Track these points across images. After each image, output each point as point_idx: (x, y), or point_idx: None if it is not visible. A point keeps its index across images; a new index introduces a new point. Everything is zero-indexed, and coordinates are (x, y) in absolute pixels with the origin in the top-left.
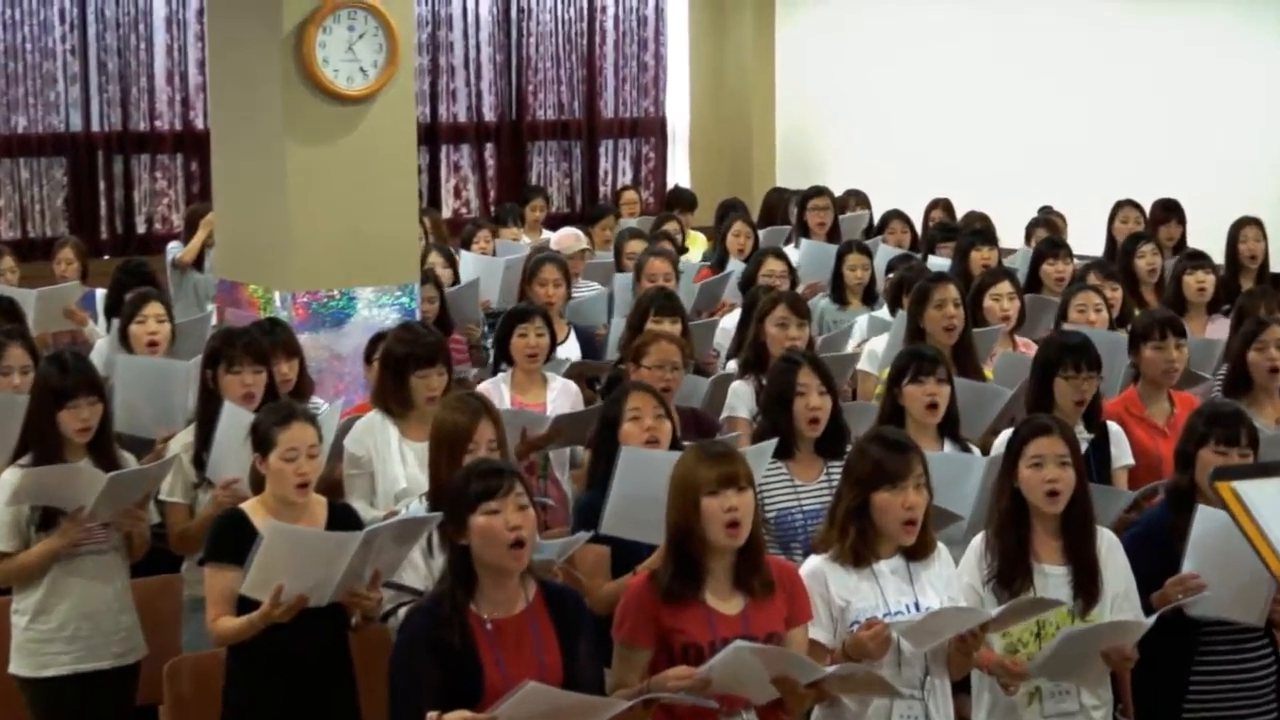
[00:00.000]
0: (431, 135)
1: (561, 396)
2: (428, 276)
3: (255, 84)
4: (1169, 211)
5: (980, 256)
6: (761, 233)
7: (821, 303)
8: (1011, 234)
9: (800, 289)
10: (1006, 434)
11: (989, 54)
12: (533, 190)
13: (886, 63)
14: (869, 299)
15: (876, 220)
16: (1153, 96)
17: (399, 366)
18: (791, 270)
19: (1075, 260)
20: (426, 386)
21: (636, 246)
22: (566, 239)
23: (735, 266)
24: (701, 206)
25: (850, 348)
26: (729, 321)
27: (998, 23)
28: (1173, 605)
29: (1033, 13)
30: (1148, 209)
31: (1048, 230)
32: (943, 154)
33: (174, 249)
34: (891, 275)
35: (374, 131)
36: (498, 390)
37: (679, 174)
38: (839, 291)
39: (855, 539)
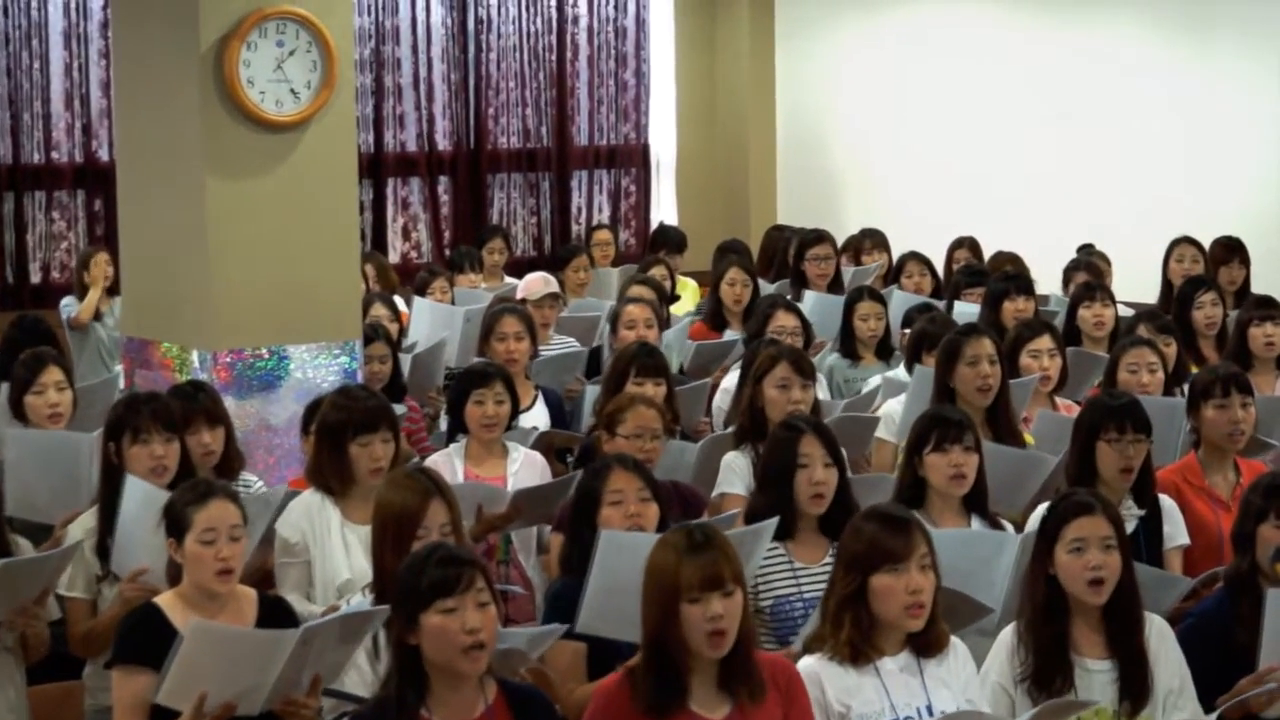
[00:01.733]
0: (376, 167)
1: (524, 469)
2: (373, 332)
3: (168, 109)
4: (1231, 251)
5: (1014, 307)
6: (763, 282)
7: (830, 359)
8: (1047, 277)
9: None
10: (1042, 509)
11: (1019, 73)
12: (491, 230)
13: (903, 81)
14: (884, 353)
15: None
16: (1214, 119)
17: (336, 435)
18: (805, 325)
19: (1120, 306)
20: (369, 457)
21: (638, 293)
22: (533, 284)
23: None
24: (692, 248)
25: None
26: (729, 382)
27: (1028, 38)
28: (1240, 701)
29: (1071, 27)
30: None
31: (1088, 273)
32: (968, 187)
33: (68, 305)
34: (909, 328)
35: (308, 164)
36: (450, 463)
37: (664, 210)
38: (849, 345)
39: (852, 632)
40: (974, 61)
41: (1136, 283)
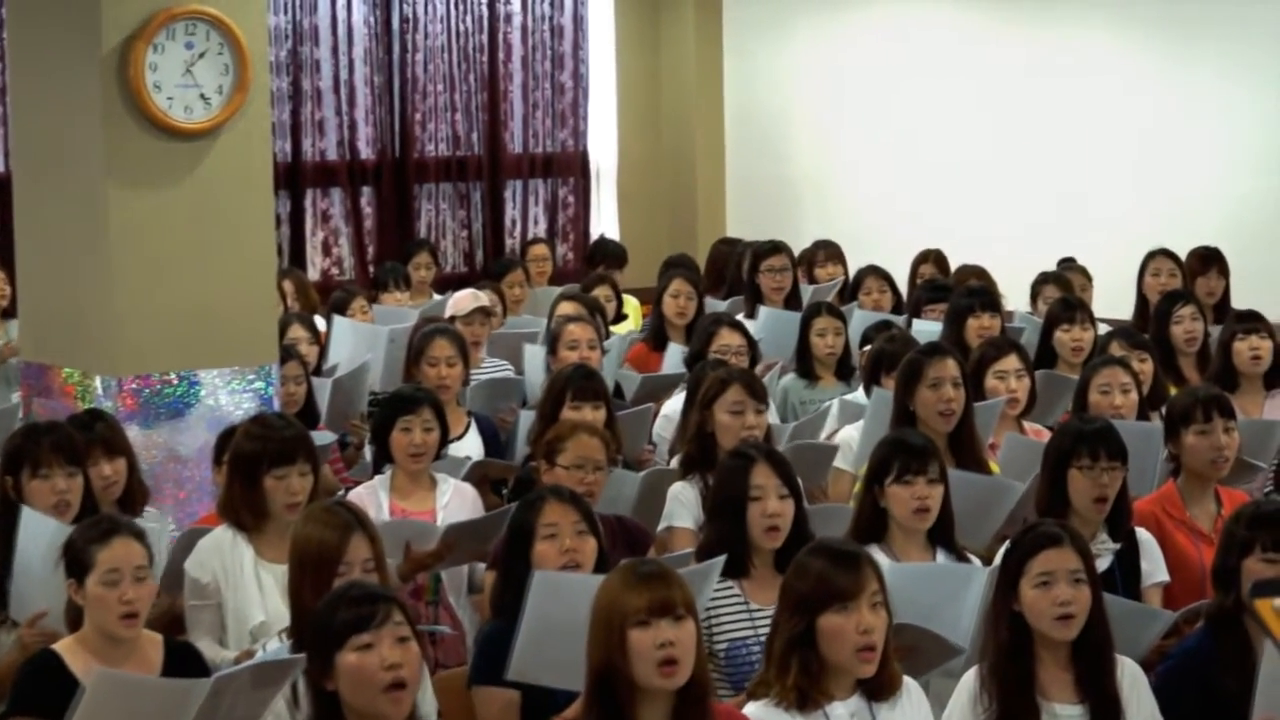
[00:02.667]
0: (293, 177)
1: (455, 502)
2: (289, 354)
3: (68, 116)
4: (1207, 262)
5: (978, 324)
6: (708, 299)
7: (784, 380)
8: (1016, 293)
9: (760, 368)
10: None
11: (987, 77)
12: (417, 244)
13: (863, 83)
14: (844, 373)
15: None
16: (1189, 127)
17: (249, 467)
18: (751, 344)
19: (1102, 326)
20: (285, 491)
21: (570, 309)
22: (462, 299)
23: (675, 350)
24: (635, 264)
25: (823, 436)
26: (672, 407)
27: (997, 41)
28: None
29: (1040, 31)
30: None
31: (1060, 289)
32: (933, 196)
33: None
34: (869, 347)
35: (219, 174)
36: (374, 497)
37: (605, 223)
38: (805, 364)
39: (799, 676)
40: (939, 62)
41: (1112, 298)
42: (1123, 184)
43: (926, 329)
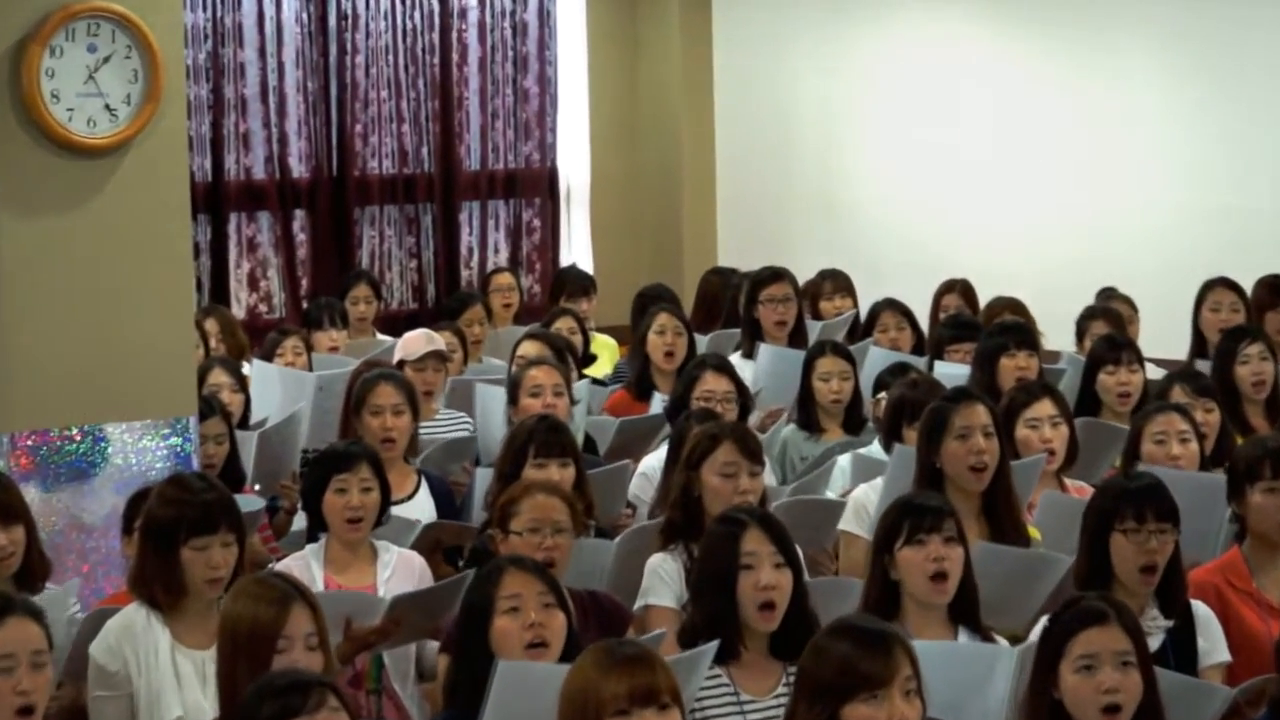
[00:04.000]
0: (214, 200)
1: (400, 574)
2: (210, 405)
3: None
4: (1277, 293)
5: (1013, 365)
6: (698, 338)
7: (784, 431)
8: (1058, 330)
9: (755, 417)
10: (1045, 620)
11: (1017, 88)
12: (357, 276)
13: (874, 90)
14: (852, 424)
15: (864, 315)
16: (1245, 141)
17: (164, 536)
18: (741, 390)
19: (1151, 367)
20: (206, 564)
21: (532, 350)
22: (412, 341)
23: (660, 399)
24: (611, 297)
25: (831, 492)
26: (651, 463)
27: (1028, 48)
28: None
29: (1076, 34)
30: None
31: (1108, 324)
32: (957, 220)
33: None
34: (883, 394)
35: (128, 196)
36: (305, 570)
37: (577, 250)
38: (808, 413)
39: None
40: (963, 70)
41: (1167, 335)
42: (1170, 205)
43: (952, 372)
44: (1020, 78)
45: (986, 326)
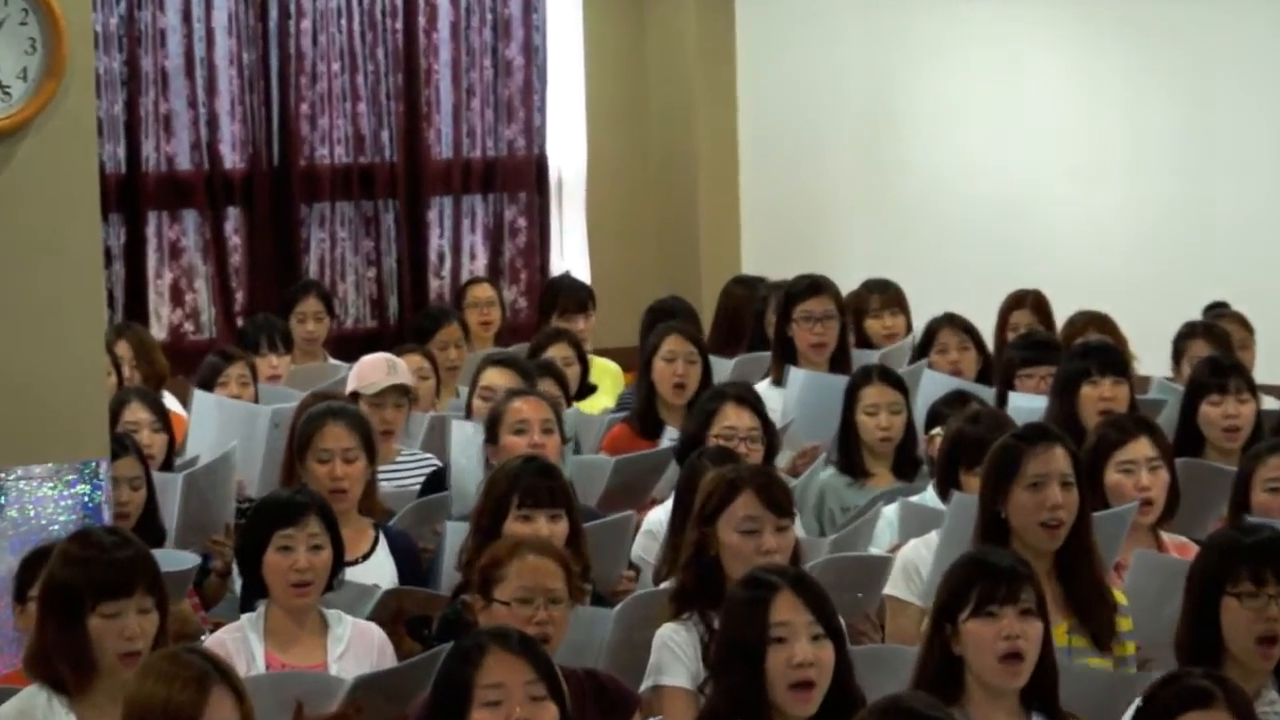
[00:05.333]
0: (130, 195)
1: (356, 650)
2: (124, 445)
3: None
4: None
5: (1097, 394)
6: (711, 358)
7: (822, 475)
8: (1154, 352)
9: (786, 458)
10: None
11: (1104, 52)
12: (303, 288)
13: (935, 62)
14: (904, 468)
15: (918, 335)
16: None
17: (68, 602)
18: (767, 427)
19: (1268, 399)
20: (119, 634)
21: (499, 379)
22: (372, 370)
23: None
24: (612, 313)
25: (877, 548)
26: (659, 518)
27: (1108, 22)
28: None
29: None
30: None
31: (1210, 344)
32: (1029, 220)
33: None
34: (940, 429)
35: (24, 192)
36: (242, 645)
37: (571, 255)
38: (850, 454)
39: None
40: (1038, 31)
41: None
42: None
43: (1026, 405)
44: (1108, 51)
45: (1066, 347)
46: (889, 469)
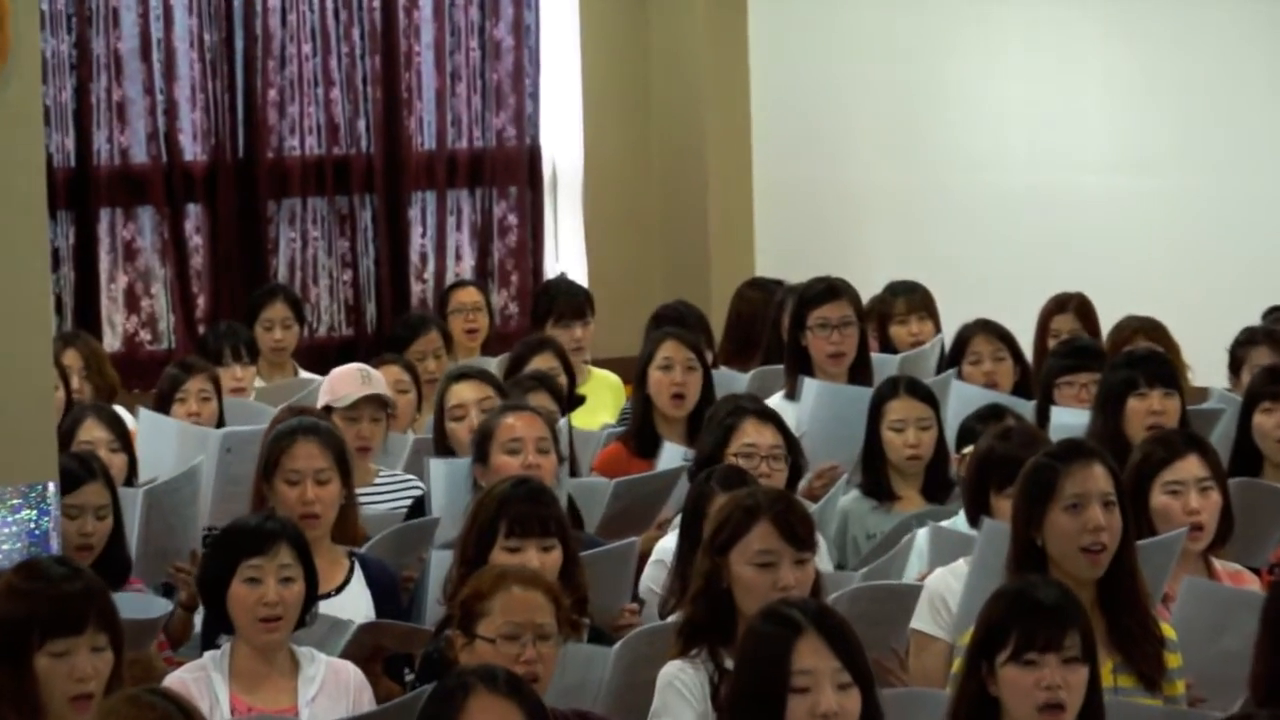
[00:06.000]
0: (80, 191)
1: (329, 691)
2: (82, 467)
3: None
4: None
5: (1145, 408)
6: (723, 371)
7: (846, 499)
8: (1207, 361)
9: (805, 482)
10: None
11: (1154, 28)
12: (270, 293)
13: (966, 43)
14: (935, 489)
15: (948, 342)
16: None
17: (14, 640)
18: (791, 445)
19: None
20: (69, 674)
21: (469, 394)
22: (344, 382)
23: (673, 450)
24: (611, 318)
25: (907, 577)
26: (670, 546)
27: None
28: None
29: None
30: None
31: (1274, 351)
32: (1068, 217)
33: None
34: (970, 448)
35: None
36: (205, 686)
37: (567, 255)
38: (875, 475)
39: None
40: (1080, 14)
41: None
42: None
43: (1069, 421)
44: (1162, 34)
45: (1112, 355)
46: (918, 491)
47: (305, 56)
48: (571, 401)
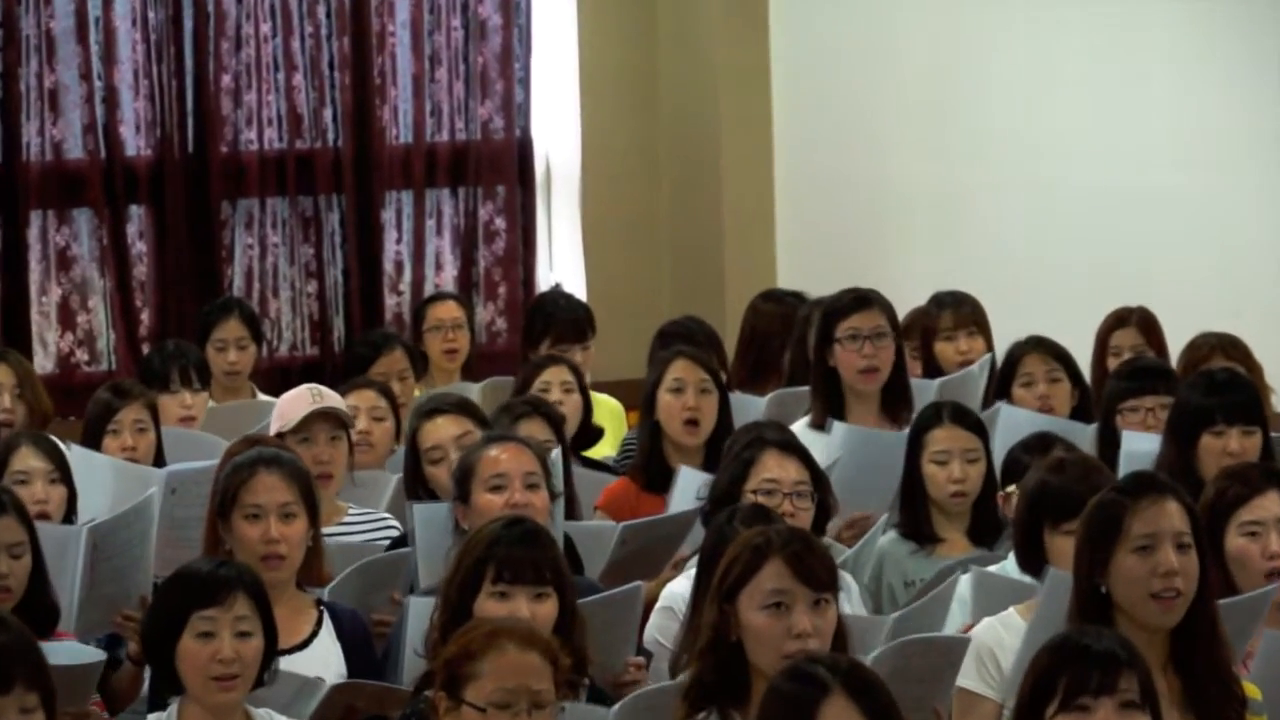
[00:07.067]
0: (8, 191)
1: None
2: (1, 500)
3: None
4: None
5: (1222, 446)
6: (737, 395)
7: (883, 540)
8: None
9: (835, 525)
10: None
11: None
12: (224, 307)
13: (1014, 27)
14: (983, 530)
15: (999, 362)
16: None
17: None
18: (818, 481)
19: None
20: None
21: (446, 432)
22: (292, 404)
23: (691, 475)
24: (612, 336)
25: (948, 628)
26: (681, 590)
27: None
28: None
29: None
30: None
31: None
32: (1135, 223)
33: None
34: (1014, 486)
35: None
36: None
37: (562, 264)
38: (915, 515)
39: None
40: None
41: None
42: None
43: (1142, 448)
44: (1234, 12)
45: (1184, 377)
46: (963, 533)
47: (264, 37)
48: (588, 435)
